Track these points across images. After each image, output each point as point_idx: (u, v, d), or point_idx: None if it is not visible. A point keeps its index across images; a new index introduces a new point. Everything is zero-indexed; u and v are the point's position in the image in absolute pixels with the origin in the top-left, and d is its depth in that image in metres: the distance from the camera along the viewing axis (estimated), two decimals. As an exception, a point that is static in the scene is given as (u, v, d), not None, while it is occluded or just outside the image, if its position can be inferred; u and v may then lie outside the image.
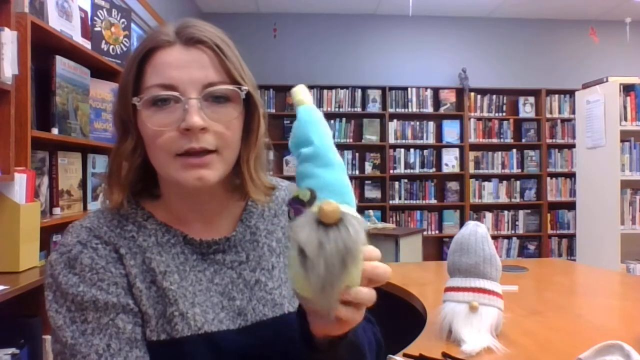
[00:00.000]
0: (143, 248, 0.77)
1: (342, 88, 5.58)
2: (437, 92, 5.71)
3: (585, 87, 3.91)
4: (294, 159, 0.69)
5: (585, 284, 2.05)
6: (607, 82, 3.64)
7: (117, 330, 0.71)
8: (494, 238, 5.43)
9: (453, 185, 5.71)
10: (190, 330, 0.74)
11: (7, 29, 1.72)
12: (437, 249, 5.68)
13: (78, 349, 0.70)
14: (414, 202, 5.63)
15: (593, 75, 4.21)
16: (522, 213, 5.77)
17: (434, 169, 5.66)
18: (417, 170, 5.63)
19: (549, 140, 5.77)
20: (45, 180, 2.13)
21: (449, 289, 1.20)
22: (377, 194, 5.62)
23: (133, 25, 3.26)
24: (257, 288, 0.80)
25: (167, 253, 0.77)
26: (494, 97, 5.75)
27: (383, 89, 5.61)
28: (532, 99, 5.82)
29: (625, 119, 3.53)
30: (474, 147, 5.72)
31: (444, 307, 1.18)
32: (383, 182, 5.61)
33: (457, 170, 5.69)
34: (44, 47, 2.07)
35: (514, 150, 5.76)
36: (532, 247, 5.77)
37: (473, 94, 5.72)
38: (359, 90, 5.61)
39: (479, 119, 5.74)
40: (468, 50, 5.77)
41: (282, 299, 0.81)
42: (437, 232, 5.68)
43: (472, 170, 5.69)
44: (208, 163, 0.73)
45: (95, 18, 2.54)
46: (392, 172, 5.58)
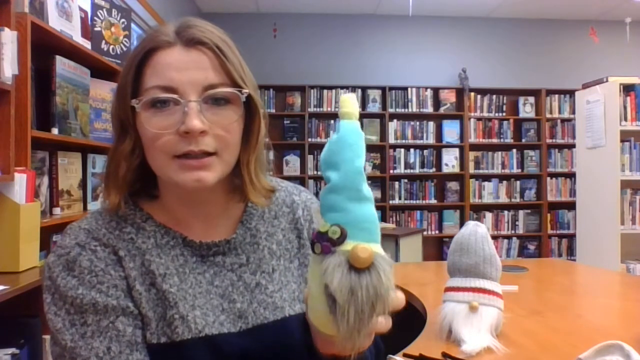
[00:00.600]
0: (142, 250, 0.76)
1: (342, 88, 5.58)
2: (437, 92, 5.71)
3: (585, 87, 3.91)
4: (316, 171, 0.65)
5: (585, 284, 2.05)
6: (607, 82, 3.64)
7: (117, 333, 0.70)
8: (494, 238, 5.43)
9: (453, 185, 5.71)
10: (191, 333, 0.73)
11: (7, 29, 1.72)
12: (437, 249, 5.68)
13: (78, 352, 0.69)
14: (414, 202, 5.63)
15: (593, 75, 4.21)
16: (522, 213, 5.77)
17: (434, 169, 5.66)
18: (417, 170, 5.63)
19: (549, 140, 5.77)
20: (45, 180, 2.13)
21: (449, 289, 1.20)
22: (377, 194, 5.61)
23: (133, 25, 3.26)
24: (257, 291, 0.80)
25: (166, 255, 0.77)
26: (494, 97, 5.75)
27: (383, 89, 5.61)
28: (532, 99, 5.82)
29: (625, 119, 3.53)
30: (474, 147, 5.72)
31: (444, 307, 1.18)
32: (383, 182, 5.61)
33: (457, 170, 5.69)
34: (44, 47, 2.07)
35: (514, 150, 5.76)
36: (532, 247, 5.77)
37: (473, 94, 5.72)
38: (359, 90, 5.61)
39: (479, 119, 5.74)
40: (468, 50, 5.77)
41: (282, 302, 0.80)
42: (437, 232, 5.68)
43: (472, 170, 5.69)
44: (207, 165, 0.73)
45: (95, 18, 2.54)
46: (392, 172, 5.58)
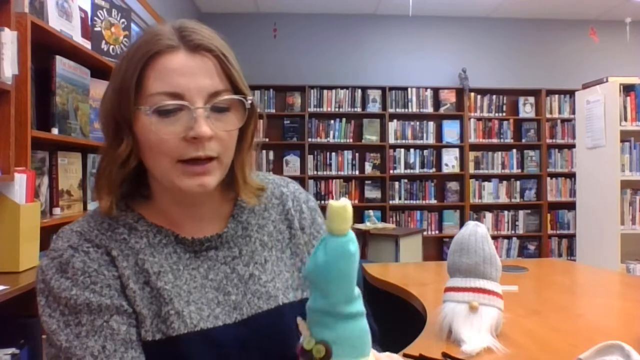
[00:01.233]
0: (135, 250, 0.77)
1: (342, 88, 5.58)
2: (437, 92, 5.71)
3: (585, 87, 3.91)
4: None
5: (585, 284, 2.05)
6: (607, 82, 3.64)
7: (111, 332, 0.71)
8: (494, 238, 5.44)
9: (453, 185, 5.71)
10: (187, 328, 0.74)
11: (7, 29, 1.72)
12: (437, 249, 5.68)
13: (73, 352, 0.70)
14: (414, 202, 5.63)
15: (593, 75, 4.21)
16: (522, 213, 5.77)
17: (434, 169, 5.66)
18: (417, 170, 5.63)
19: (549, 140, 5.77)
20: (45, 180, 2.13)
21: (449, 289, 1.20)
22: (377, 194, 5.62)
23: (133, 25, 3.26)
24: (251, 282, 0.81)
25: (159, 253, 0.78)
26: (494, 97, 5.75)
27: (383, 89, 5.61)
28: (532, 99, 5.82)
29: (625, 119, 3.53)
30: (474, 147, 5.72)
31: (444, 307, 1.18)
32: (383, 182, 5.61)
33: (457, 170, 5.69)
34: (44, 47, 2.07)
35: (514, 150, 5.76)
36: (532, 247, 5.77)
37: (473, 94, 5.72)
38: (359, 90, 5.61)
39: (479, 119, 5.74)
40: (468, 50, 5.77)
41: (276, 291, 0.81)
42: (437, 232, 5.68)
43: (472, 170, 5.69)
44: (209, 170, 0.74)
45: (95, 18, 2.54)
46: (392, 172, 5.58)
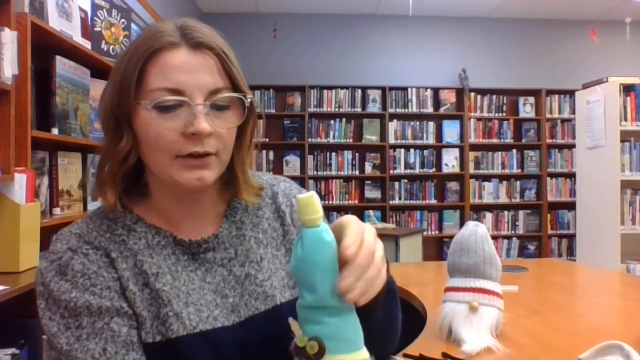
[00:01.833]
0: (134, 251, 0.77)
1: (342, 88, 5.58)
2: (437, 92, 5.71)
3: (585, 87, 3.91)
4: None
5: (585, 284, 2.05)
6: (607, 82, 3.64)
7: (112, 334, 0.71)
8: (494, 238, 5.44)
9: (453, 185, 5.71)
10: (186, 330, 0.74)
11: (7, 29, 1.72)
12: (437, 249, 5.68)
13: (74, 355, 0.69)
14: (414, 202, 5.63)
15: (593, 75, 4.21)
16: (522, 213, 5.77)
17: (434, 169, 5.66)
18: (417, 170, 5.63)
19: (549, 140, 5.77)
20: (45, 180, 2.13)
21: (449, 289, 1.20)
22: (377, 194, 5.62)
23: (133, 25, 3.26)
24: (247, 282, 0.81)
25: (158, 255, 0.78)
26: (494, 97, 5.75)
27: (383, 89, 5.61)
28: (532, 99, 5.82)
29: (625, 119, 3.53)
30: (474, 147, 5.72)
31: (444, 307, 1.18)
32: (383, 182, 5.61)
33: (457, 170, 5.69)
34: (44, 47, 2.07)
35: (514, 150, 5.76)
36: (532, 247, 5.77)
37: (473, 94, 5.72)
38: (359, 90, 5.61)
39: (479, 119, 5.74)
40: (468, 50, 5.77)
41: (273, 290, 0.81)
42: (437, 232, 5.68)
43: (472, 171, 5.69)
44: (208, 164, 0.75)
45: (95, 18, 2.54)
46: (392, 172, 5.58)
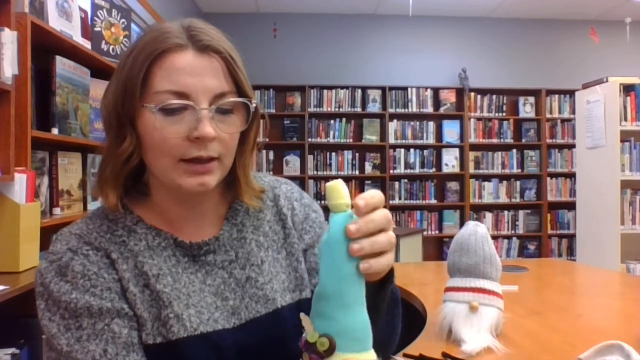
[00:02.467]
0: (134, 252, 0.76)
1: (342, 88, 5.58)
2: (437, 92, 5.71)
3: (585, 87, 3.91)
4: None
5: (585, 284, 2.05)
6: (607, 82, 3.64)
7: (113, 335, 0.70)
8: (494, 238, 5.44)
9: (453, 185, 5.71)
10: (187, 332, 0.74)
11: (7, 29, 1.72)
12: (437, 249, 5.68)
13: (74, 356, 0.69)
14: (414, 202, 5.63)
15: (593, 75, 4.21)
16: (522, 213, 5.77)
17: (434, 169, 5.66)
18: (417, 170, 5.63)
19: (549, 140, 5.77)
20: (45, 180, 2.13)
21: (449, 289, 1.20)
22: (377, 194, 5.60)
23: (133, 25, 3.26)
24: (248, 285, 0.81)
25: (158, 256, 0.77)
26: (494, 97, 5.75)
27: (383, 89, 5.61)
28: (532, 99, 5.82)
29: (625, 119, 3.53)
30: (474, 147, 5.72)
31: (444, 307, 1.18)
32: (383, 182, 5.61)
33: (457, 170, 5.69)
34: (44, 47, 2.08)
35: (514, 150, 5.76)
36: (532, 247, 5.77)
37: (473, 94, 5.72)
38: (359, 90, 5.61)
39: (479, 119, 5.74)
40: (468, 50, 5.77)
41: (274, 294, 0.81)
42: (437, 232, 5.68)
43: (472, 170, 5.69)
44: (211, 169, 0.74)
45: (95, 18, 2.54)
46: (392, 172, 5.58)
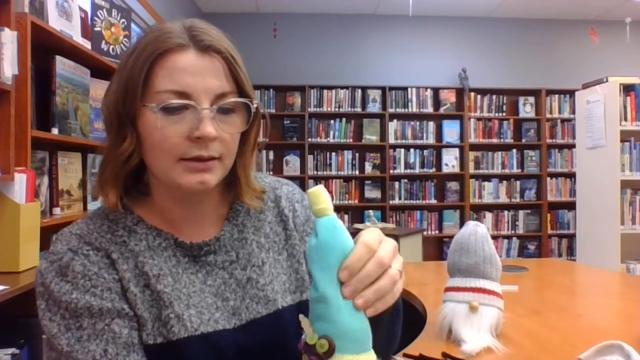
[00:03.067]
0: (135, 252, 0.76)
1: (342, 88, 5.58)
2: (437, 92, 5.71)
3: (585, 87, 3.91)
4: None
5: (585, 284, 2.05)
6: (607, 82, 3.64)
7: (113, 335, 0.70)
8: (494, 238, 5.44)
9: (453, 185, 5.71)
10: (187, 332, 0.74)
11: (7, 29, 1.72)
12: (437, 249, 5.68)
13: (75, 356, 0.69)
14: (414, 202, 5.63)
15: (593, 75, 4.21)
16: (522, 213, 5.77)
17: (434, 169, 5.66)
18: (417, 170, 5.63)
19: (549, 140, 5.77)
20: (45, 180, 2.13)
21: (449, 289, 1.20)
22: (377, 194, 5.62)
23: (133, 25, 3.26)
24: (249, 286, 0.81)
25: (159, 256, 0.77)
26: (494, 97, 5.75)
27: (383, 89, 5.61)
28: (532, 99, 5.82)
29: (625, 119, 3.53)
30: (474, 147, 5.72)
31: (444, 307, 1.18)
32: (383, 182, 5.61)
33: (457, 170, 5.69)
34: (44, 47, 2.08)
35: (514, 150, 5.76)
36: (532, 247, 5.77)
37: (473, 94, 5.72)
38: (359, 90, 5.61)
39: (479, 119, 5.74)
40: (468, 50, 5.77)
41: (274, 295, 0.81)
42: (437, 232, 5.68)
43: (472, 170, 5.70)
44: (211, 168, 0.74)
45: (95, 18, 2.54)
46: (392, 172, 5.58)
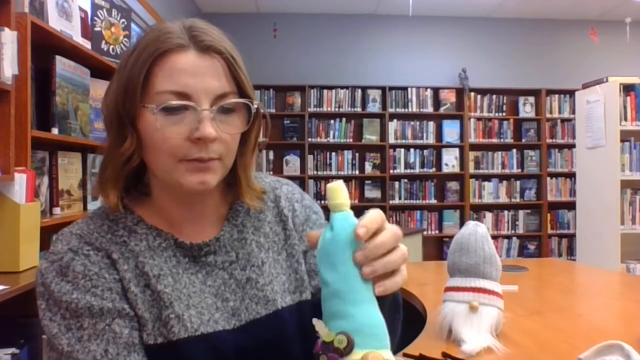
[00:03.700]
0: (135, 252, 0.76)
1: (342, 88, 5.58)
2: (437, 92, 5.71)
3: (585, 87, 3.91)
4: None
5: (585, 284, 2.05)
6: (607, 82, 3.64)
7: (114, 335, 0.71)
8: (494, 238, 5.43)
9: (453, 185, 5.71)
10: (187, 332, 0.74)
11: (7, 29, 1.72)
12: (437, 249, 5.68)
13: (75, 356, 0.69)
14: (414, 202, 5.63)
15: (593, 75, 4.21)
16: (522, 213, 5.77)
17: (434, 169, 5.66)
18: (417, 170, 5.62)
19: (549, 140, 5.77)
20: (45, 180, 2.13)
21: (449, 289, 1.20)
22: (377, 194, 5.62)
23: (133, 25, 3.26)
24: (248, 286, 0.81)
25: (159, 257, 0.77)
26: (494, 97, 5.75)
27: (383, 89, 5.61)
28: (532, 99, 5.82)
29: (625, 119, 3.53)
30: (474, 147, 5.72)
31: (444, 307, 1.18)
32: (383, 182, 5.61)
33: (457, 170, 5.69)
34: (44, 47, 2.07)
35: (514, 150, 5.76)
36: (532, 247, 5.77)
37: (473, 94, 5.72)
38: (359, 90, 5.61)
39: (479, 119, 5.74)
40: (468, 50, 5.77)
41: (274, 295, 0.81)
42: (437, 232, 5.68)
43: (472, 170, 5.69)
44: (212, 168, 0.74)
45: (95, 18, 2.54)
46: (392, 172, 5.58)
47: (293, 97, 5.59)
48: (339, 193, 0.60)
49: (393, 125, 5.62)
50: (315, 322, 0.60)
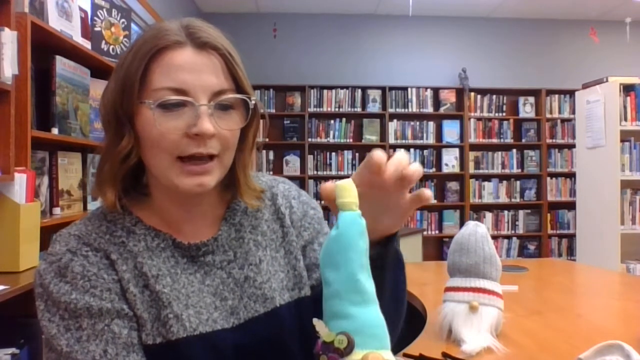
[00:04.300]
0: (134, 253, 0.76)
1: (342, 88, 5.58)
2: (437, 92, 5.71)
3: (585, 87, 3.91)
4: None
5: (585, 284, 2.05)
6: (607, 82, 3.64)
7: (113, 336, 0.71)
8: (494, 238, 5.43)
9: (453, 185, 5.71)
10: (186, 332, 0.74)
11: (7, 29, 1.72)
12: (437, 249, 5.68)
13: (74, 357, 0.69)
14: (414, 202, 5.61)
15: (593, 75, 4.21)
16: (522, 213, 5.76)
17: (434, 169, 5.66)
18: (417, 170, 5.61)
19: (549, 140, 5.76)
20: (45, 180, 2.13)
21: (449, 289, 1.20)
22: (377, 194, 5.61)
23: (133, 25, 3.26)
24: (246, 285, 0.81)
25: (157, 257, 0.77)
26: (494, 97, 5.75)
27: (383, 89, 5.61)
28: (532, 99, 5.82)
29: (625, 119, 3.53)
30: (474, 147, 5.72)
31: (444, 307, 1.19)
32: (383, 182, 5.60)
33: (457, 170, 5.69)
34: (44, 47, 2.07)
35: (514, 150, 5.76)
36: (532, 247, 5.77)
37: (473, 94, 5.71)
38: (359, 90, 5.61)
39: (479, 119, 5.73)
40: (468, 50, 5.77)
41: (272, 293, 0.81)
42: (437, 232, 5.68)
43: (472, 170, 5.69)
44: (209, 170, 0.74)
45: (95, 18, 2.54)
46: (392, 172, 5.56)
47: (293, 97, 5.59)
48: (348, 191, 0.60)
49: (393, 126, 5.62)
50: (316, 322, 0.60)
